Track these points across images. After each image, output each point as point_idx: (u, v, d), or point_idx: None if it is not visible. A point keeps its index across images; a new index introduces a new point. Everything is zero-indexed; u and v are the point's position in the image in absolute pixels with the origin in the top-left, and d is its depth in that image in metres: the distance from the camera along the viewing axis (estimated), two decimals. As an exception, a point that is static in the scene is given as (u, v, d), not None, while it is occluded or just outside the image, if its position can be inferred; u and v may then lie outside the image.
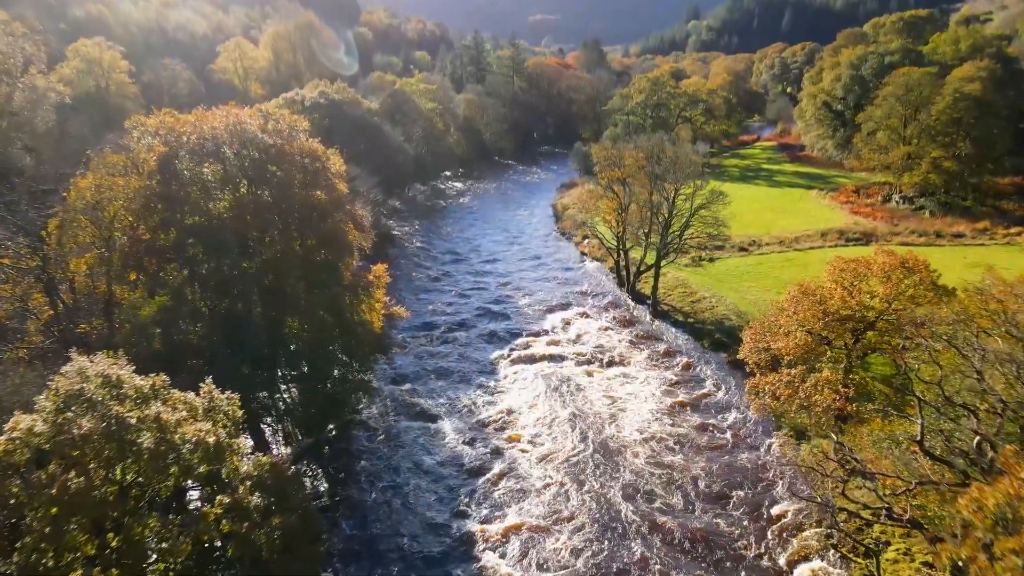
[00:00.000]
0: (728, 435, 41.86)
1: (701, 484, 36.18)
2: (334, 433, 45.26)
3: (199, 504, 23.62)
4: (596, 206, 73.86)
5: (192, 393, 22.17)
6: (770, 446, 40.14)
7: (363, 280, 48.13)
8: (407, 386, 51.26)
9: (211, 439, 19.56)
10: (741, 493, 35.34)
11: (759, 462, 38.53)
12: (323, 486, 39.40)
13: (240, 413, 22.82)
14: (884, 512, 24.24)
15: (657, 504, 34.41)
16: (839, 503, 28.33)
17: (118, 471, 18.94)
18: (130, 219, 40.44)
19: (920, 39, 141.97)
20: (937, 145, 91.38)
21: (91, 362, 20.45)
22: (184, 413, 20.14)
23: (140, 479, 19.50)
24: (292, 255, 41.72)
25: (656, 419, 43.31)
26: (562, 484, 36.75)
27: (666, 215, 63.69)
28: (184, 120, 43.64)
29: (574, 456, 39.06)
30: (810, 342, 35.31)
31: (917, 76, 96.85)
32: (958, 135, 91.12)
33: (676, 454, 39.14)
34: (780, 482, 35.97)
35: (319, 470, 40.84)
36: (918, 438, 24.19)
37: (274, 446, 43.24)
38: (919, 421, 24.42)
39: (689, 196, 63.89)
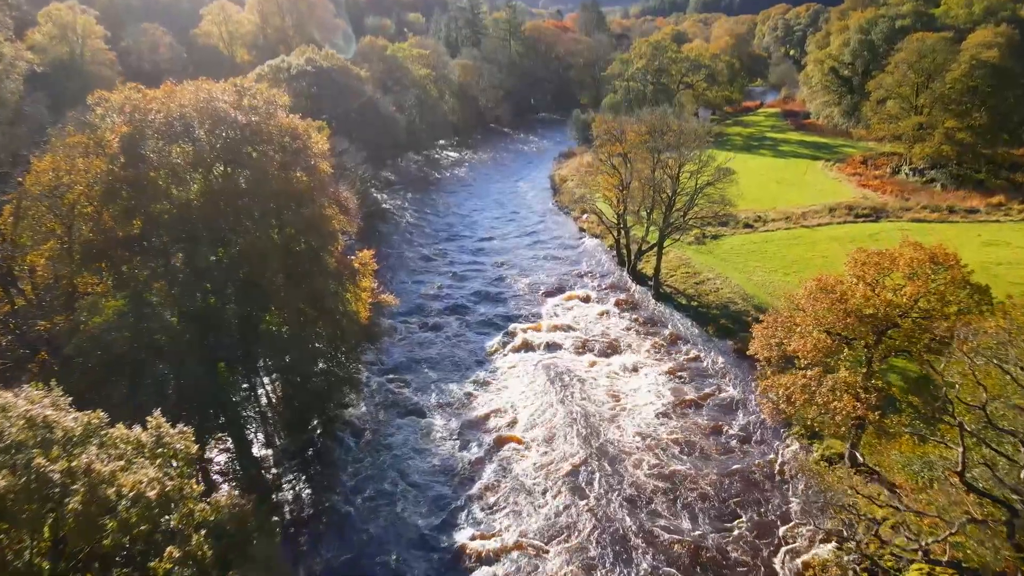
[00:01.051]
0: (738, 439, 39.22)
1: (709, 500, 33.63)
2: (319, 431, 42.72)
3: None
4: (596, 182, 70.47)
5: (139, 427, 19.41)
6: (783, 451, 37.64)
7: (348, 268, 45.18)
8: (397, 378, 48.59)
9: (152, 492, 16.86)
10: (753, 513, 32.78)
11: (772, 471, 35.99)
12: (305, 493, 36.94)
13: (195, 449, 20.08)
14: (921, 554, 21.78)
15: (662, 523, 31.93)
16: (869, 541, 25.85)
17: (46, 530, 16.30)
18: (93, 206, 37.28)
19: (932, 1, 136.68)
20: (951, 114, 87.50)
21: (15, 397, 17.61)
22: (123, 461, 17.37)
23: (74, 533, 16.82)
24: (269, 245, 38.58)
25: (660, 420, 40.72)
26: (561, 497, 34.21)
27: (669, 193, 60.40)
28: (151, 96, 40.16)
29: (574, 464, 36.48)
30: (830, 344, 32.53)
31: (931, 42, 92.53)
32: (973, 104, 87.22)
33: (683, 462, 36.56)
34: (794, 499, 33.44)
35: (301, 476, 38.34)
36: (958, 469, 21.58)
37: (255, 447, 40.71)
38: (959, 449, 21.76)
39: (694, 173, 60.51)
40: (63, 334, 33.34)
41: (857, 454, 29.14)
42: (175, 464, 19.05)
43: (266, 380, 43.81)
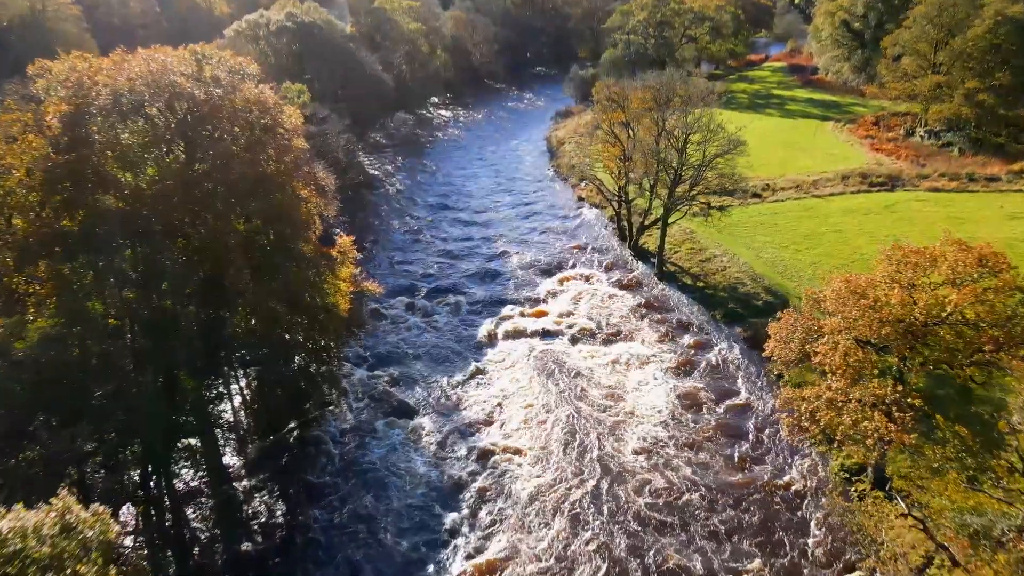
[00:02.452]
0: (751, 455, 35.20)
1: (721, 536, 29.93)
2: (296, 434, 39.46)
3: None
4: (595, 150, 65.97)
5: (44, 507, 15.86)
6: (802, 466, 34.21)
7: (326, 257, 41.26)
8: (381, 372, 45.11)
9: (44, 619, 13.46)
10: (771, 552, 29.36)
11: (791, 495, 32.36)
12: (279, 512, 33.71)
13: (113, 532, 16.61)
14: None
15: (671, 565, 28.59)
16: None
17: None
18: (31, 197, 33.05)
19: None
20: (972, 74, 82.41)
21: None
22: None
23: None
24: (234, 237, 34.57)
25: (666, 431, 37.00)
26: (558, 530, 30.57)
27: (675, 167, 56.07)
28: (96, 67, 35.65)
29: (573, 486, 32.90)
30: (861, 356, 28.92)
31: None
32: (995, 63, 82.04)
33: (692, 487, 32.76)
34: (818, 532, 30.01)
35: (275, 489, 35.09)
36: (1029, 535, 18.31)
37: (226, 455, 37.42)
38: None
39: (702, 143, 56.01)
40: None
41: (903, 505, 25.73)
42: (89, 552, 15.60)
43: (240, 374, 40.44)
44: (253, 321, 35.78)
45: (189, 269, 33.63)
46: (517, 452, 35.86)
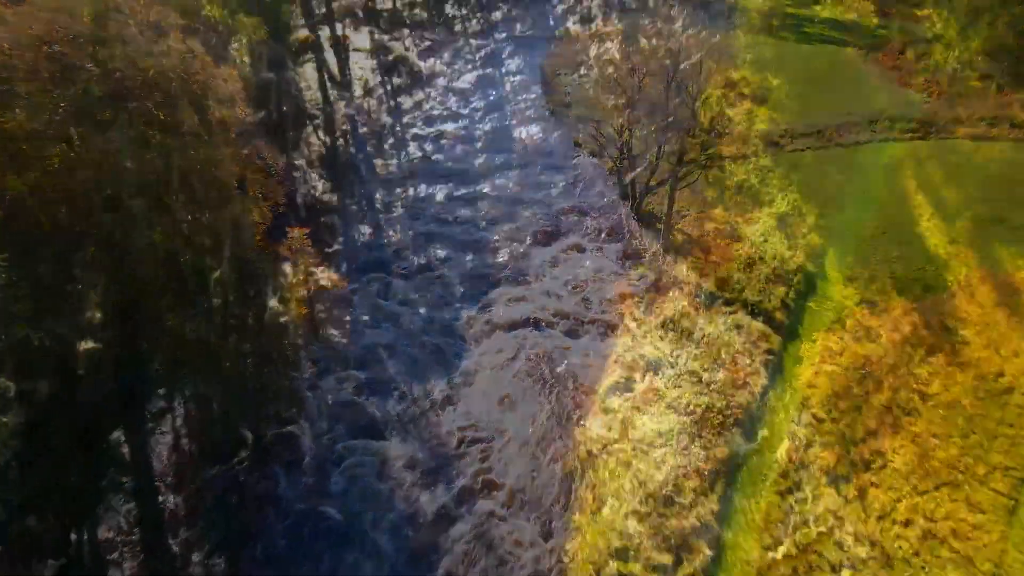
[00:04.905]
0: None
1: None
2: (246, 465, 33.99)
3: None
4: (596, 99, 57.94)
5: None
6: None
7: (274, 256, 34.75)
8: (349, 377, 39.21)
9: None
10: None
11: None
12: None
13: None
14: None
15: None
16: None
17: None
18: None
19: None
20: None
21: None
22: None
23: None
24: (150, 253, 27.88)
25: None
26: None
27: (689, 116, 48.63)
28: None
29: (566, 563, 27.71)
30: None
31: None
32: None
33: None
34: None
35: (216, 546, 29.82)
36: None
37: (161, 494, 31.99)
38: None
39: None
40: None
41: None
42: None
43: (179, 401, 34.67)
44: (179, 354, 29.56)
45: (94, 295, 27.13)
46: (504, 506, 30.26)
